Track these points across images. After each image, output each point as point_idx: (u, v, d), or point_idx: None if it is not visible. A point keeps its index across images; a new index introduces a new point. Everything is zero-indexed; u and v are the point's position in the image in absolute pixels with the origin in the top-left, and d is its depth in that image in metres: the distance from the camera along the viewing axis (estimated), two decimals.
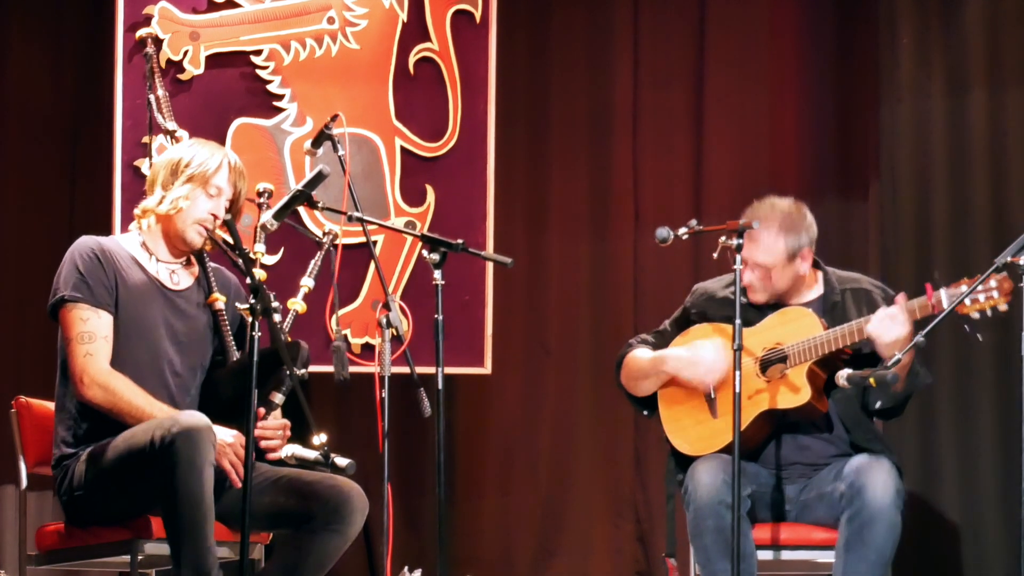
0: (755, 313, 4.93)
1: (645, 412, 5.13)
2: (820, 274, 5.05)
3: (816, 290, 5.04)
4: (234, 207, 4.62)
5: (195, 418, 4.27)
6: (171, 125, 5.60)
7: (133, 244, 4.63)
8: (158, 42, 5.89)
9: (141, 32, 5.80)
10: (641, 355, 5.08)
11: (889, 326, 4.71)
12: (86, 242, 4.56)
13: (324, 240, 5.13)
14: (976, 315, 4.63)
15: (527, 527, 6.68)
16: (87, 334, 4.44)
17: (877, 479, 4.69)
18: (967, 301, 4.60)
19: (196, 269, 4.69)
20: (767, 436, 4.94)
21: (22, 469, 4.75)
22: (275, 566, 4.52)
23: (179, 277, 4.64)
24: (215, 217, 4.58)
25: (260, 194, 5.21)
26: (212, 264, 4.71)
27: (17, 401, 4.81)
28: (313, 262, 5.10)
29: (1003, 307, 4.62)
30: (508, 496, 6.71)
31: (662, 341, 5.11)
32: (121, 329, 4.50)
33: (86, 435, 4.48)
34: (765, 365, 4.92)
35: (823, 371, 4.90)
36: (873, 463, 4.75)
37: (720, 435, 4.91)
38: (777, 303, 4.99)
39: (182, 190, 4.55)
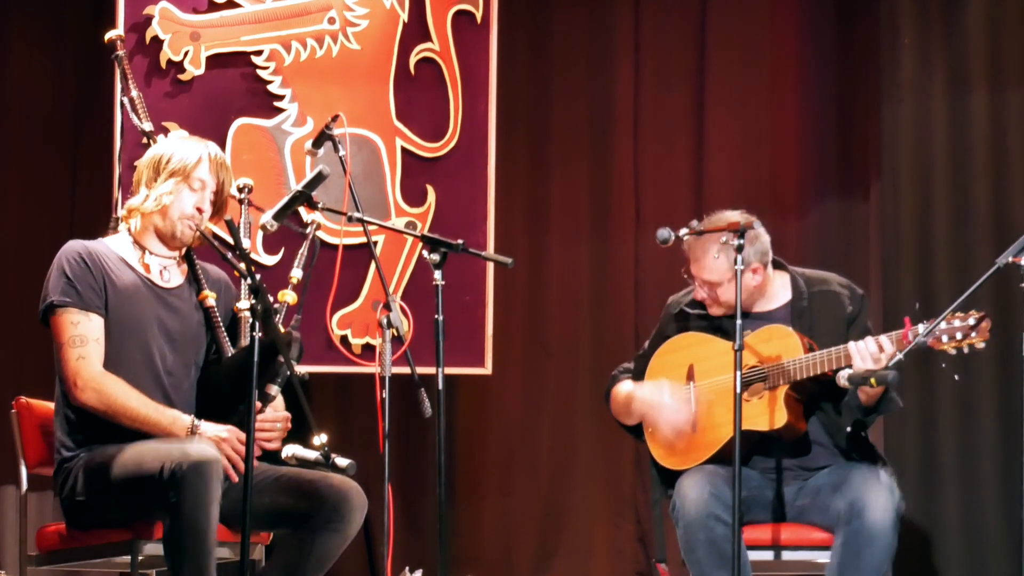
0: (730, 323, 4.76)
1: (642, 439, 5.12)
2: (787, 277, 4.98)
3: (783, 295, 4.97)
4: (219, 199, 4.62)
5: (204, 451, 4.26)
6: (147, 126, 5.56)
7: (121, 245, 4.62)
8: (162, 41, 5.90)
9: (110, 34, 5.69)
10: (622, 390, 5.06)
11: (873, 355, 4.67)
12: (72, 246, 4.54)
13: (308, 230, 5.13)
14: (953, 352, 4.61)
15: (527, 527, 6.68)
16: (78, 338, 4.43)
17: (878, 501, 4.63)
18: (944, 339, 4.57)
19: (187, 267, 4.69)
20: (746, 452, 4.87)
21: (23, 470, 4.75)
22: (275, 565, 4.53)
23: (170, 275, 4.63)
24: (200, 211, 4.58)
25: (241, 190, 5.20)
26: (201, 263, 4.70)
27: (17, 402, 4.80)
28: (300, 252, 5.10)
29: (980, 346, 4.60)
30: (508, 496, 6.71)
31: (643, 365, 5.08)
32: (113, 330, 4.49)
33: (85, 439, 4.47)
34: (745, 384, 4.84)
35: (801, 394, 4.84)
36: (873, 483, 4.69)
37: (701, 449, 4.89)
38: (749, 314, 4.90)
39: (165, 186, 4.55)
